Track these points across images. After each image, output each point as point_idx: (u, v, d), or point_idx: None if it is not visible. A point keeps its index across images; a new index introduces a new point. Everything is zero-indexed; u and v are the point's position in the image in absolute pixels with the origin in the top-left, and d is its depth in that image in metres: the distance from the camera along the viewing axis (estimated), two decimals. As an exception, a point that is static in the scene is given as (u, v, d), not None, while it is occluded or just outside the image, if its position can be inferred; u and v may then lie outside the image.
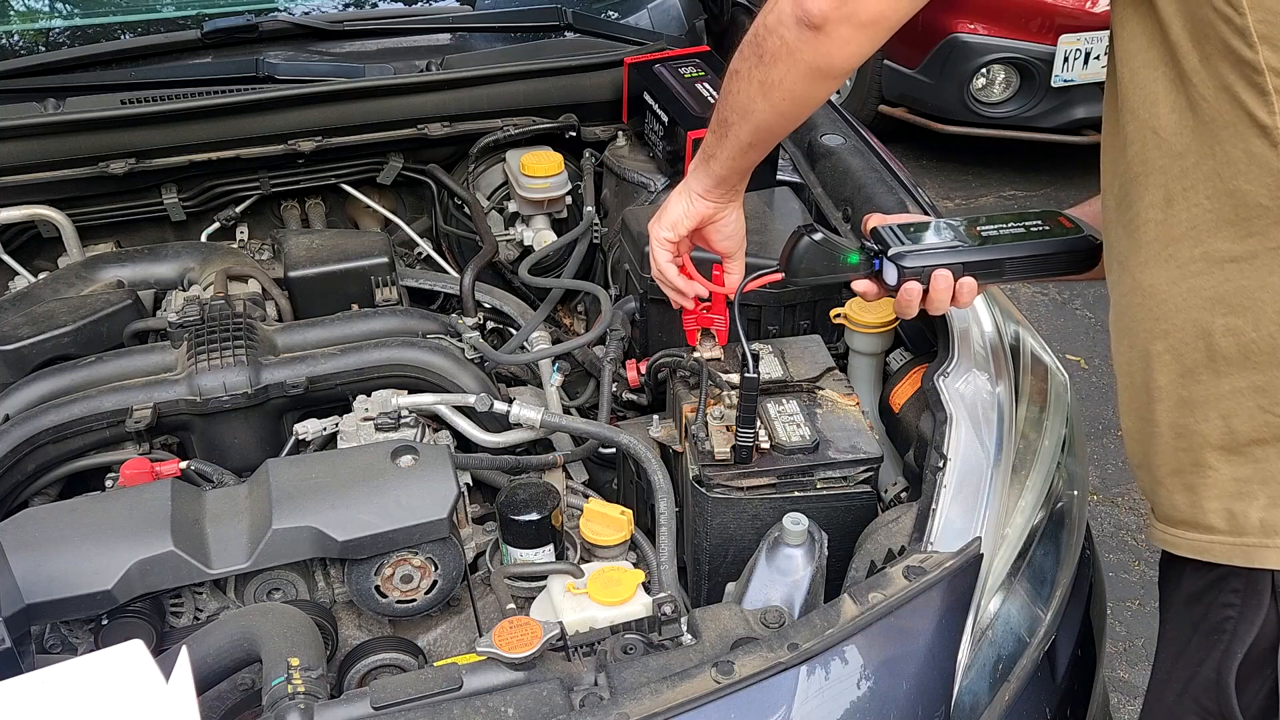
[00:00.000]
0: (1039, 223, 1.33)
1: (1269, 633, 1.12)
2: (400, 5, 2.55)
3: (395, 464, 1.42)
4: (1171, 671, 1.25)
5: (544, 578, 1.41)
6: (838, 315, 1.72)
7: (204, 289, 1.86)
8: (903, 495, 1.53)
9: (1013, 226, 1.33)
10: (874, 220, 1.39)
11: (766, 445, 1.46)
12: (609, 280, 2.17)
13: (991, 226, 1.33)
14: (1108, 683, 1.66)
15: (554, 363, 1.89)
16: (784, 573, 1.30)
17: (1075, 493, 1.55)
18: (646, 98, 2.14)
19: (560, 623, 1.21)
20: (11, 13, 2.42)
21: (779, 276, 1.35)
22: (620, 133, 2.30)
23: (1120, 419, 1.28)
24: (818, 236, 1.31)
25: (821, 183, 2.00)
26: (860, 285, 1.36)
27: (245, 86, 2.07)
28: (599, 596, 1.30)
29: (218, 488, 1.51)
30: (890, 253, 1.28)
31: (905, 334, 1.76)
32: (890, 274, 1.29)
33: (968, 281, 1.31)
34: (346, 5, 2.45)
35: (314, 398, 1.67)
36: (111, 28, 2.33)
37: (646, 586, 1.36)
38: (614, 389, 1.79)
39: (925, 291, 1.30)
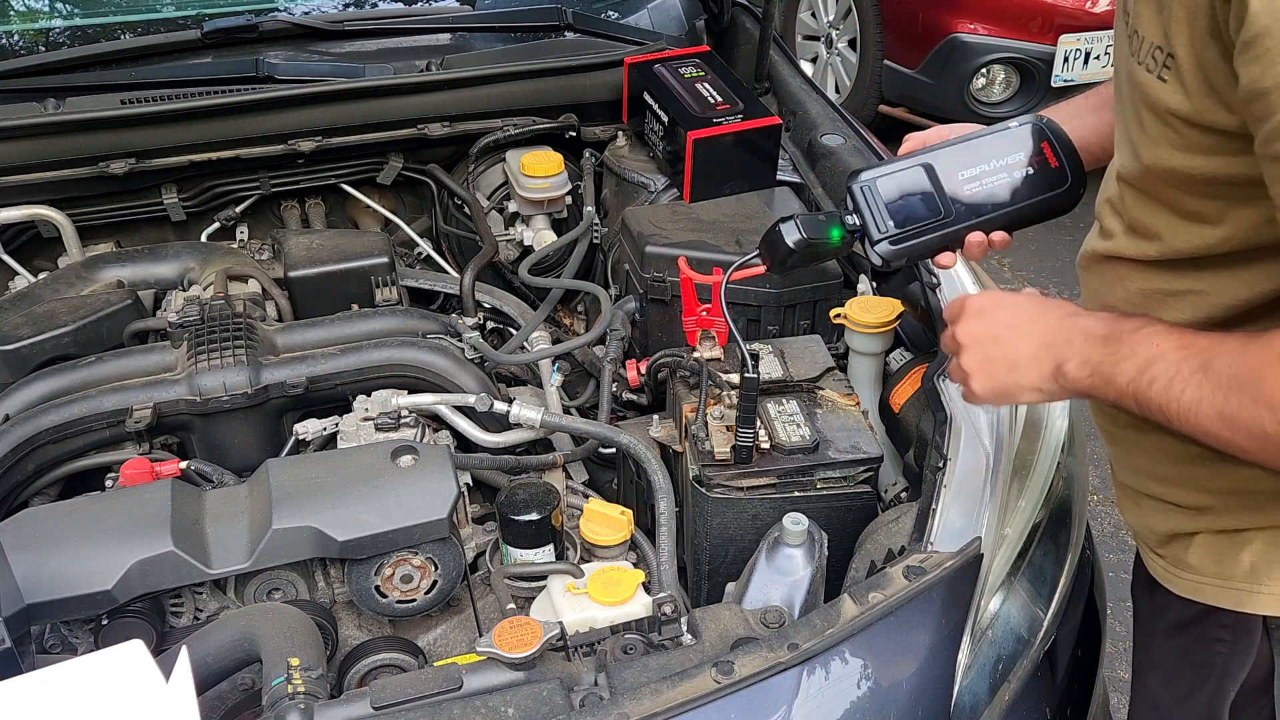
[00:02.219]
0: (1021, 157, 1.24)
1: (1262, 667, 1.11)
2: (400, 5, 2.54)
3: (395, 464, 1.42)
4: (1159, 698, 1.23)
5: (544, 578, 1.41)
6: (838, 315, 1.72)
7: (204, 289, 1.86)
8: (903, 495, 1.53)
9: (997, 173, 1.24)
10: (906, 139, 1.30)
11: (766, 445, 1.45)
12: (609, 280, 2.17)
13: (973, 170, 1.24)
14: (1108, 683, 1.66)
15: (554, 363, 1.89)
16: (784, 573, 1.30)
17: (1075, 493, 1.55)
18: (646, 98, 2.14)
19: (560, 623, 1.21)
20: (11, 13, 2.42)
21: (761, 270, 1.33)
22: (620, 133, 2.30)
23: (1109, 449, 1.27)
24: (794, 240, 1.26)
25: (821, 183, 2.01)
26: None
27: (245, 86, 2.07)
28: (599, 596, 1.30)
29: (218, 488, 1.51)
30: (874, 242, 1.24)
31: (905, 334, 1.76)
32: (875, 257, 1.26)
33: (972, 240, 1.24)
34: (346, 5, 2.44)
35: (314, 398, 1.67)
36: (111, 28, 2.33)
37: (646, 586, 1.36)
38: (614, 389, 1.79)
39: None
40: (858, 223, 1.25)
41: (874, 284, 1.81)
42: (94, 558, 1.28)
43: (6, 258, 2.05)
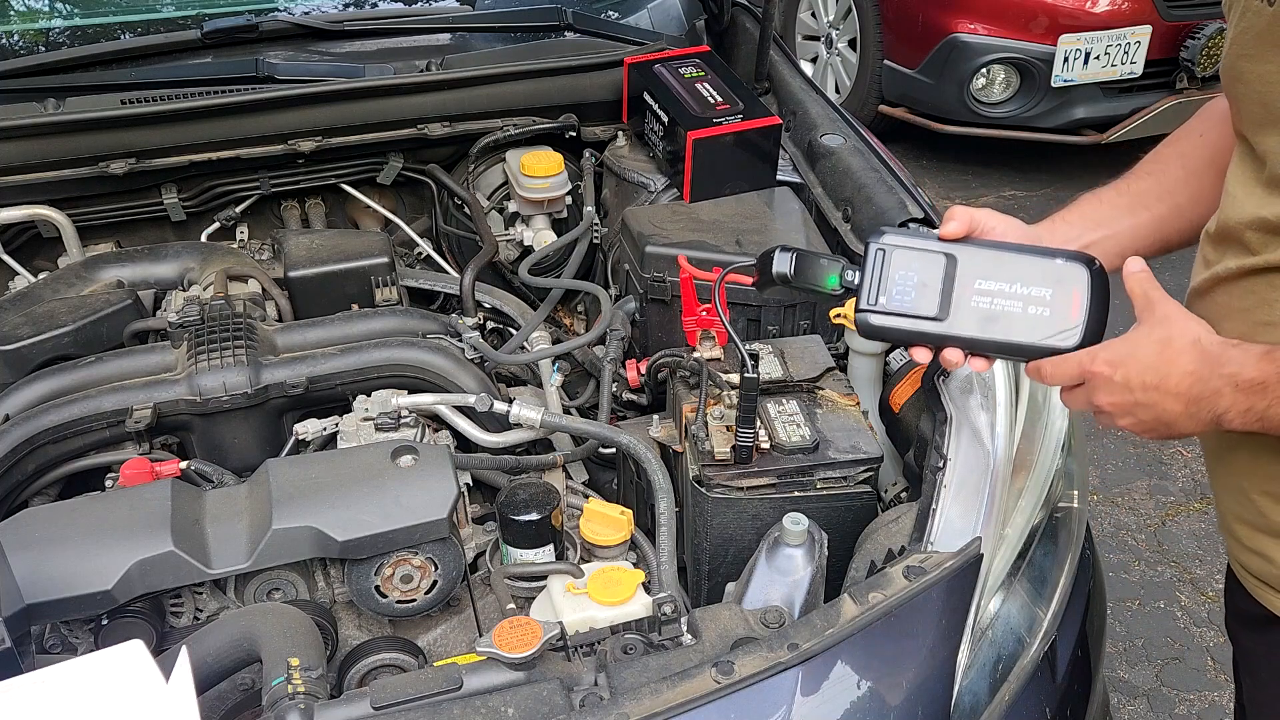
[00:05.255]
0: (1046, 295, 1.12)
1: None
2: (400, 5, 2.54)
3: (395, 464, 1.42)
4: None
5: (544, 578, 1.41)
6: (838, 315, 1.72)
7: (204, 289, 1.85)
8: (903, 495, 1.53)
9: (1013, 298, 1.13)
10: (953, 215, 1.18)
11: (766, 445, 1.45)
12: (609, 280, 2.17)
13: (992, 284, 1.14)
14: (1108, 683, 1.66)
15: (554, 363, 1.89)
16: (784, 573, 1.30)
17: (1075, 492, 1.55)
18: (646, 98, 2.14)
19: (560, 623, 1.21)
20: (11, 13, 2.42)
21: (750, 280, 1.29)
22: (620, 133, 2.30)
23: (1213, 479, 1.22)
24: (778, 272, 1.20)
25: (821, 183, 2.00)
26: None
27: (245, 86, 2.07)
28: (599, 596, 1.30)
29: (218, 488, 1.51)
30: (859, 305, 1.17)
31: (905, 334, 1.76)
32: (856, 325, 1.19)
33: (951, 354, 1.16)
34: (346, 5, 2.44)
35: (314, 398, 1.67)
36: (111, 28, 2.33)
37: (646, 586, 1.36)
38: (614, 389, 1.79)
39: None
40: (855, 282, 1.18)
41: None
42: (94, 558, 1.28)
43: (6, 258, 2.05)
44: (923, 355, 1.17)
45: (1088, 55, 4.52)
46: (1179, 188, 1.28)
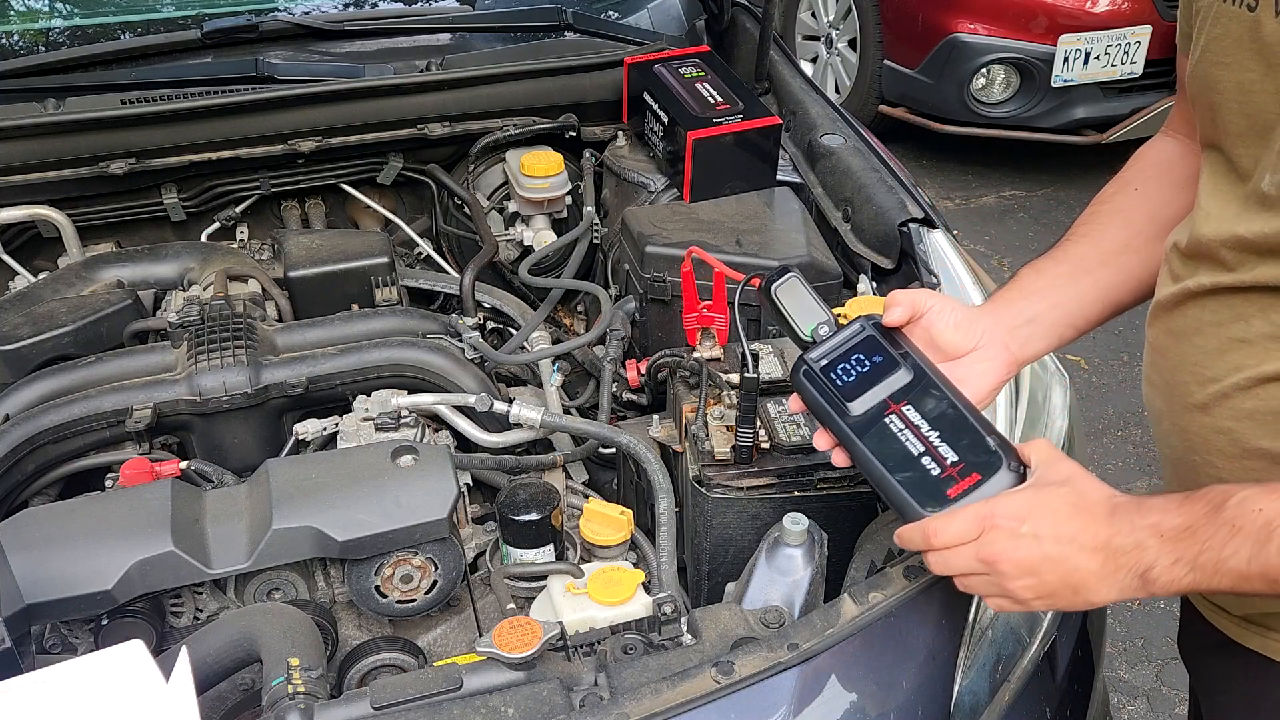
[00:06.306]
0: (953, 459, 1.06)
1: None
2: (400, 5, 2.55)
3: (395, 464, 1.42)
4: None
5: (544, 578, 1.41)
6: (838, 315, 1.71)
7: (204, 289, 1.86)
8: (903, 495, 1.53)
9: (919, 440, 1.08)
10: (894, 300, 1.16)
11: (766, 445, 1.45)
12: (609, 280, 2.17)
13: (916, 416, 1.10)
14: (1108, 683, 1.66)
15: (554, 363, 1.89)
16: (784, 573, 1.30)
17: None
18: (646, 98, 2.14)
19: (560, 623, 1.21)
20: (11, 13, 2.42)
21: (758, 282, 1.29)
22: (620, 133, 2.30)
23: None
24: (770, 284, 1.18)
25: (821, 183, 2.01)
26: None
27: (245, 86, 2.07)
28: (599, 596, 1.30)
29: (218, 488, 1.51)
30: (805, 353, 1.17)
31: (905, 334, 1.75)
32: (792, 368, 1.19)
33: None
34: (346, 5, 2.45)
35: (314, 398, 1.67)
36: (111, 28, 2.33)
37: (646, 586, 1.36)
38: (614, 389, 1.79)
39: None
40: (824, 338, 1.17)
41: (874, 284, 1.81)
42: (94, 558, 1.28)
43: (6, 258, 2.05)
44: (821, 441, 1.16)
45: (1088, 55, 4.53)
46: (1124, 251, 1.23)
